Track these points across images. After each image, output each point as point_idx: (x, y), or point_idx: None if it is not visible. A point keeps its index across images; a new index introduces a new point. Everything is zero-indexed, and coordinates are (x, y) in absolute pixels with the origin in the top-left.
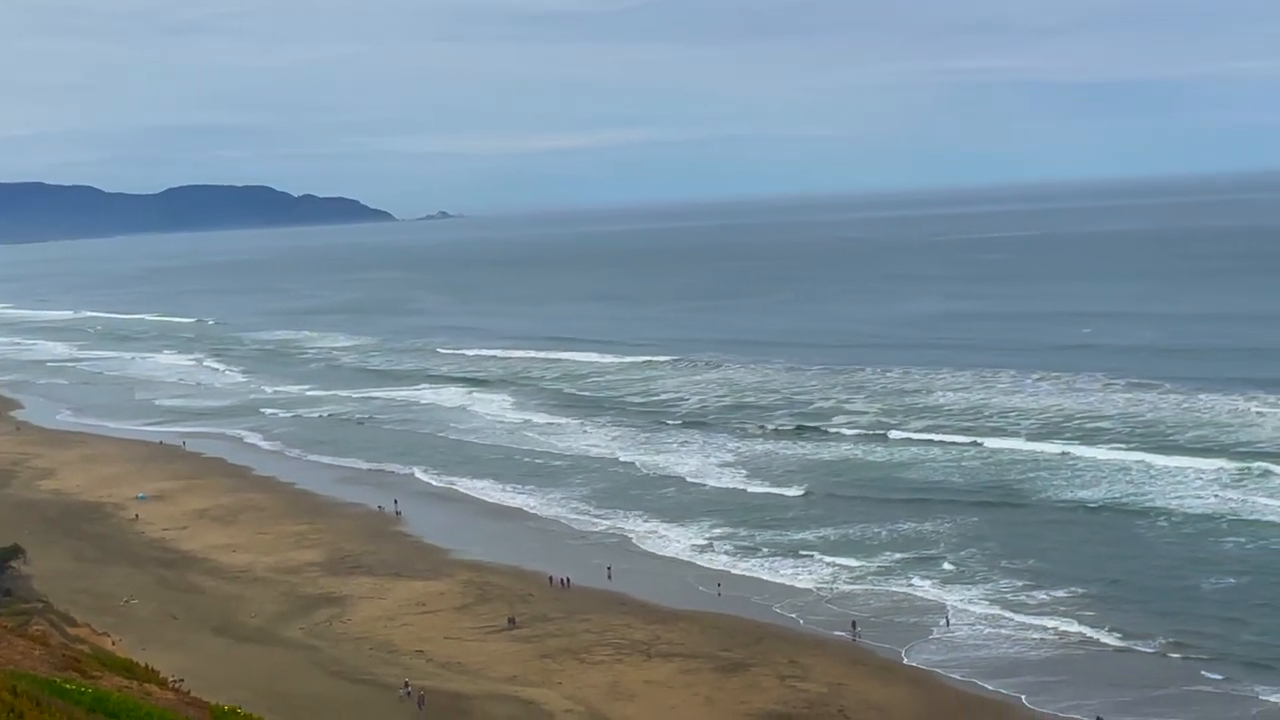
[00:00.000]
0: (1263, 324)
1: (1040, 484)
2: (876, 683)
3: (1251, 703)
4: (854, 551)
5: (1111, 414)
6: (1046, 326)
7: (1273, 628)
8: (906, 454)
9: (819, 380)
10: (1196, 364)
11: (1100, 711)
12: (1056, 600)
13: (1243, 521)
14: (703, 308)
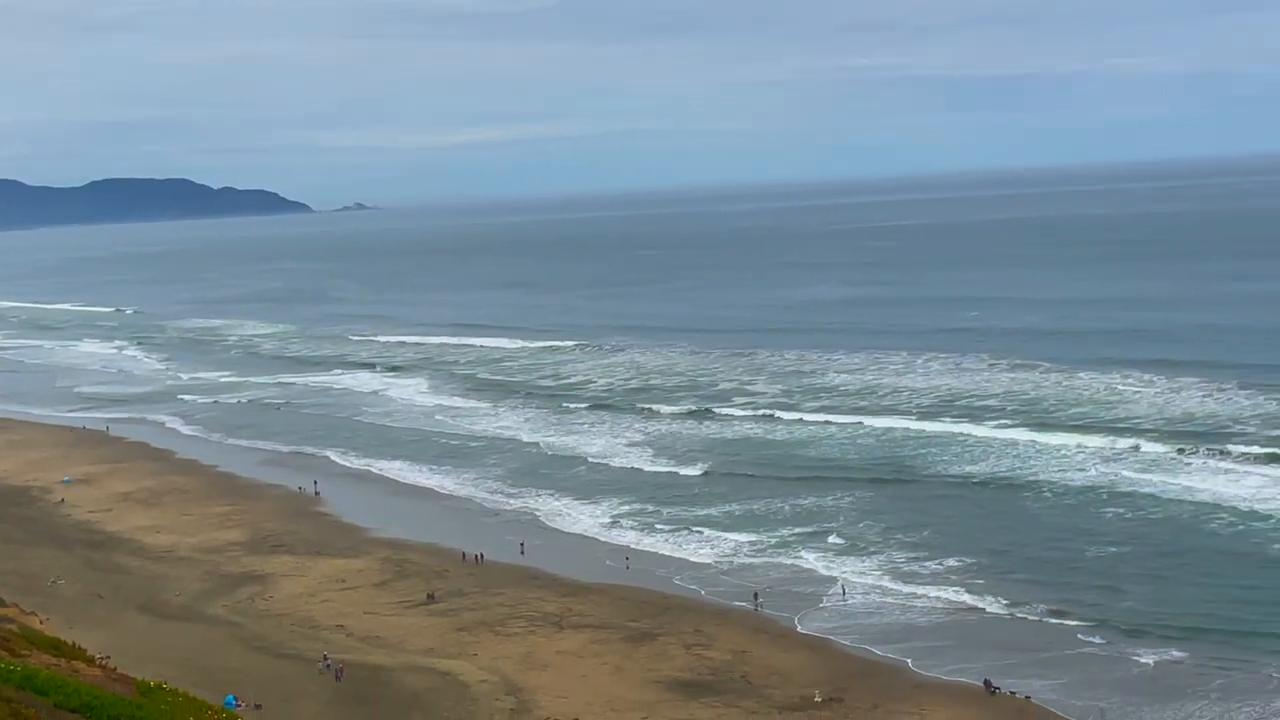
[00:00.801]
0: (1136, 307)
1: (931, 460)
2: (777, 649)
3: (1130, 664)
4: (755, 526)
5: (997, 393)
6: (935, 310)
7: (1149, 594)
8: (805, 432)
9: (721, 363)
10: (1075, 345)
11: (986, 674)
12: (946, 570)
13: (1120, 494)
14: (609, 295)
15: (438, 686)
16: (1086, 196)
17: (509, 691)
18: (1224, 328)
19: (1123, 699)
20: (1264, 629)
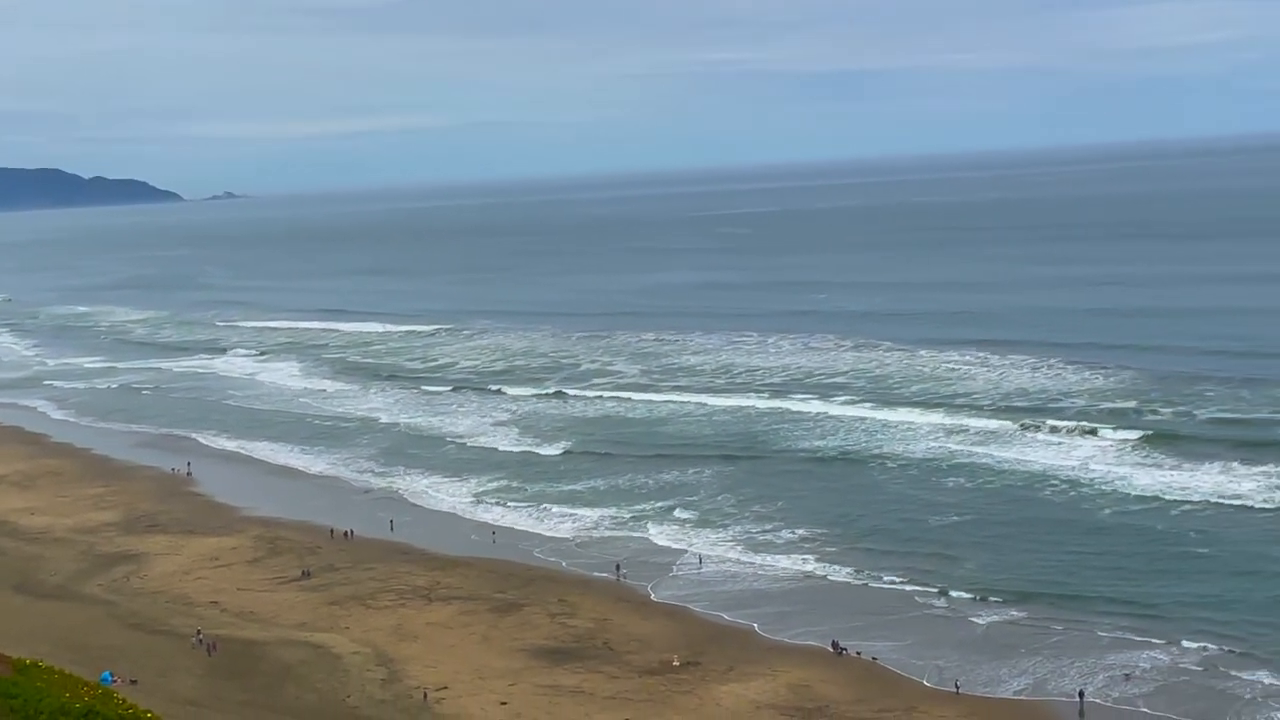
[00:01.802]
0: (970, 289)
1: (782, 435)
2: (637, 617)
3: (970, 625)
4: (616, 500)
5: (843, 371)
6: (785, 293)
7: (987, 559)
8: (663, 410)
9: (581, 345)
10: (915, 326)
11: (834, 636)
12: (796, 539)
13: (959, 465)
14: (474, 280)
15: (310, 659)
16: (924, 185)
17: (380, 662)
18: (1050, 309)
19: (962, 657)
20: (1092, 591)
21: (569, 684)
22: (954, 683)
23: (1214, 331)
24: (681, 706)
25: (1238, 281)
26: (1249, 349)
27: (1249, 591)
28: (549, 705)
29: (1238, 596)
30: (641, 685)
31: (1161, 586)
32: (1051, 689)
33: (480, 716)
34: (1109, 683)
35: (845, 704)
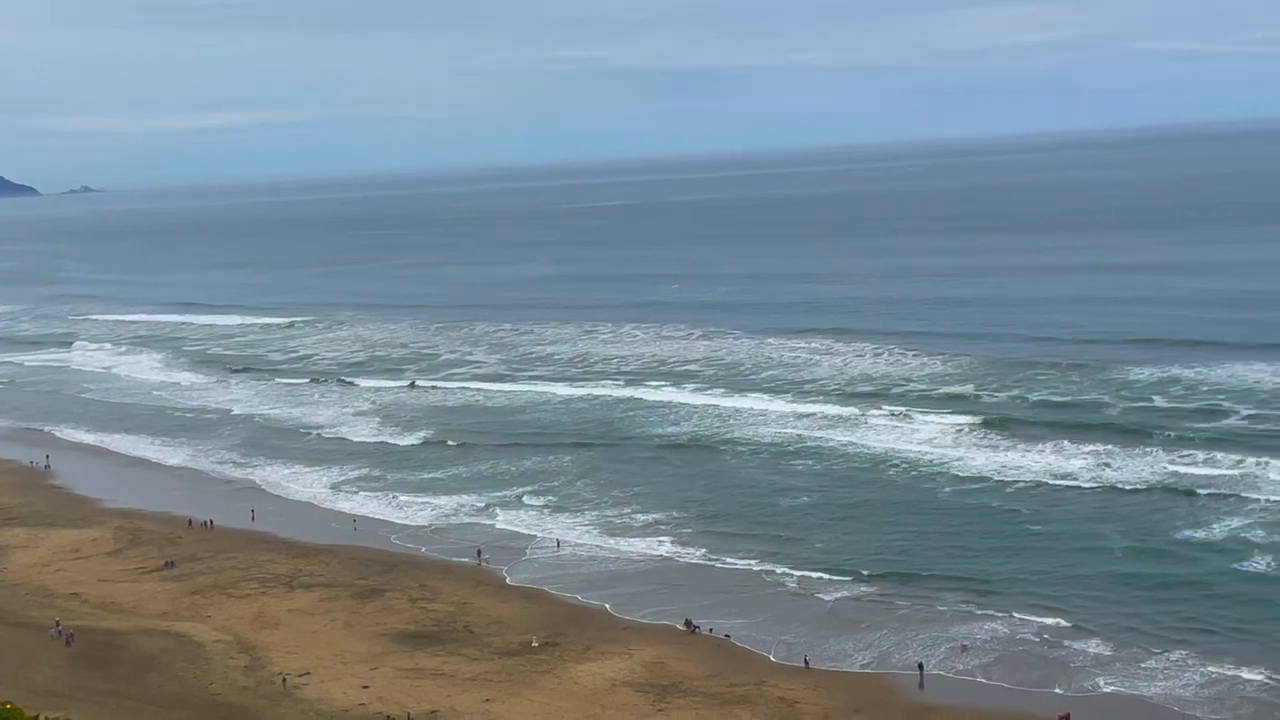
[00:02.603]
0: (815, 280)
1: (638, 422)
2: (496, 600)
3: (821, 603)
4: (477, 487)
5: (696, 359)
6: (639, 284)
7: (837, 539)
8: (522, 399)
9: (441, 336)
10: (763, 315)
11: (688, 615)
12: (652, 523)
13: (808, 449)
14: (334, 273)
15: (172, 648)
16: (769, 179)
17: (242, 650)
18: (889, 298)
19: (811, 633)
20: (933, 568)
21: (430, 667)
22: (803, 657)
23: (1044, 319)
24: (541, 686)
25: (1064, 272)
26: (1077, 336)
27: (1079, 566)
28: (410, 688)
29: (1069, 571)
30: (501, 666)
31: (998, 562)
32: (895, 662)
33: (343, 700)
34: (949, 654)
35: (698, 680)
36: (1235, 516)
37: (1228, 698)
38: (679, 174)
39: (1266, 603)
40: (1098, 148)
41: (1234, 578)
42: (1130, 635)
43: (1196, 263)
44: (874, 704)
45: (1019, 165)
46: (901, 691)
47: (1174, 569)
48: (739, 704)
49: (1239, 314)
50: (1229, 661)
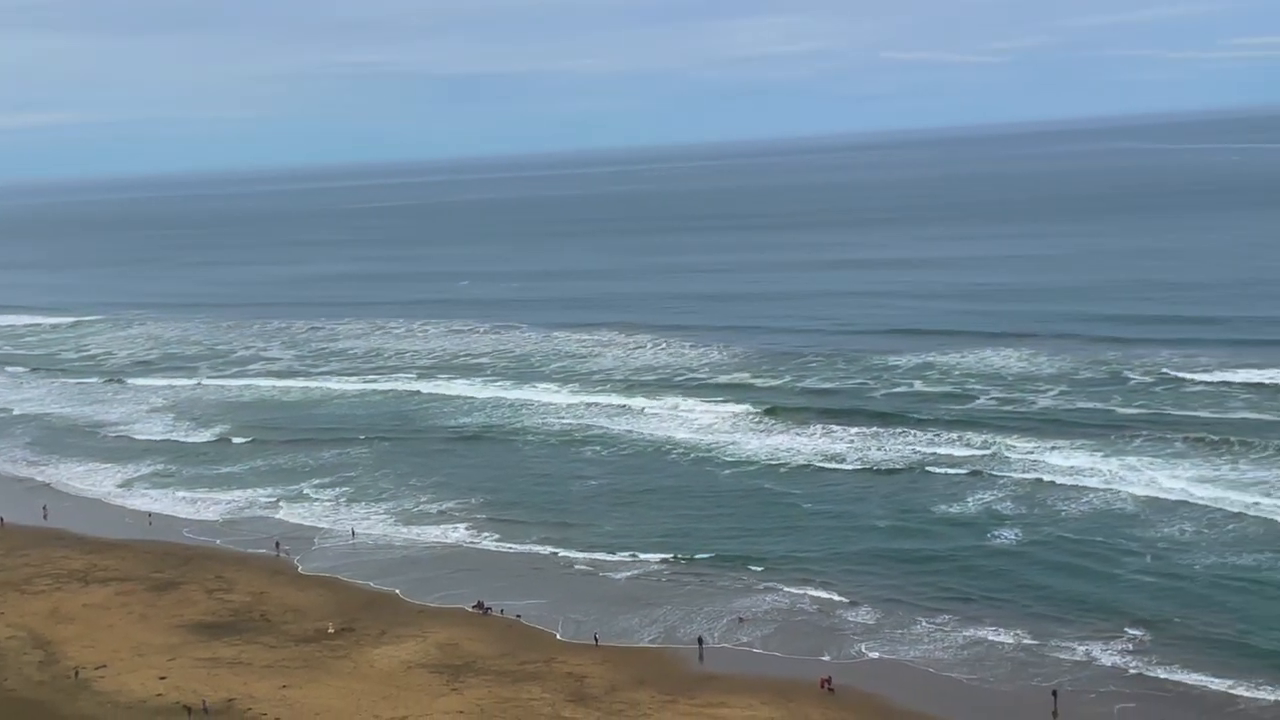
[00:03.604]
0: (599, 276)
1: (432, 414)
2: (293, 589)
3: (611, 583)
4: (274, 480)
5: (486, 352)
6: (429, 281)
7: (626, 521)
8: (318, 393)
9: (236, 333)
10: (548, 309)
11: (480, 597)
12: (447, 510)
13: (596, 436)
14: (127, 273)
15: None
16: (552, 180)
17: (37, 645)
18: (668, 293)
19: (602, 611)
20: (715, 548)
21: (227, 656)
22: (593, 635)
23: (810, 312)
24: (337, 671)
25: (826, 267)
26: (840, 327)
27: (847, 542)
28: (208, 677)
29: (838, 547)
30: (298, 653)
31: (774, 540)
32: (680, 636)
33: (140, 692)
34: (729, 627)
35: (491, 659)
36: (987, 491)
37: (985, 658)
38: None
39: (1016, 571)
40: (854, 150)
41: (987, 548)
42: (893, 605)
43: (944, 258)
44: (658, 676)
45: (783, 167)
46: (683, 663)
47: (933, 542)
48: (530, 680)
49: (984, 305)
50: (984, 626)
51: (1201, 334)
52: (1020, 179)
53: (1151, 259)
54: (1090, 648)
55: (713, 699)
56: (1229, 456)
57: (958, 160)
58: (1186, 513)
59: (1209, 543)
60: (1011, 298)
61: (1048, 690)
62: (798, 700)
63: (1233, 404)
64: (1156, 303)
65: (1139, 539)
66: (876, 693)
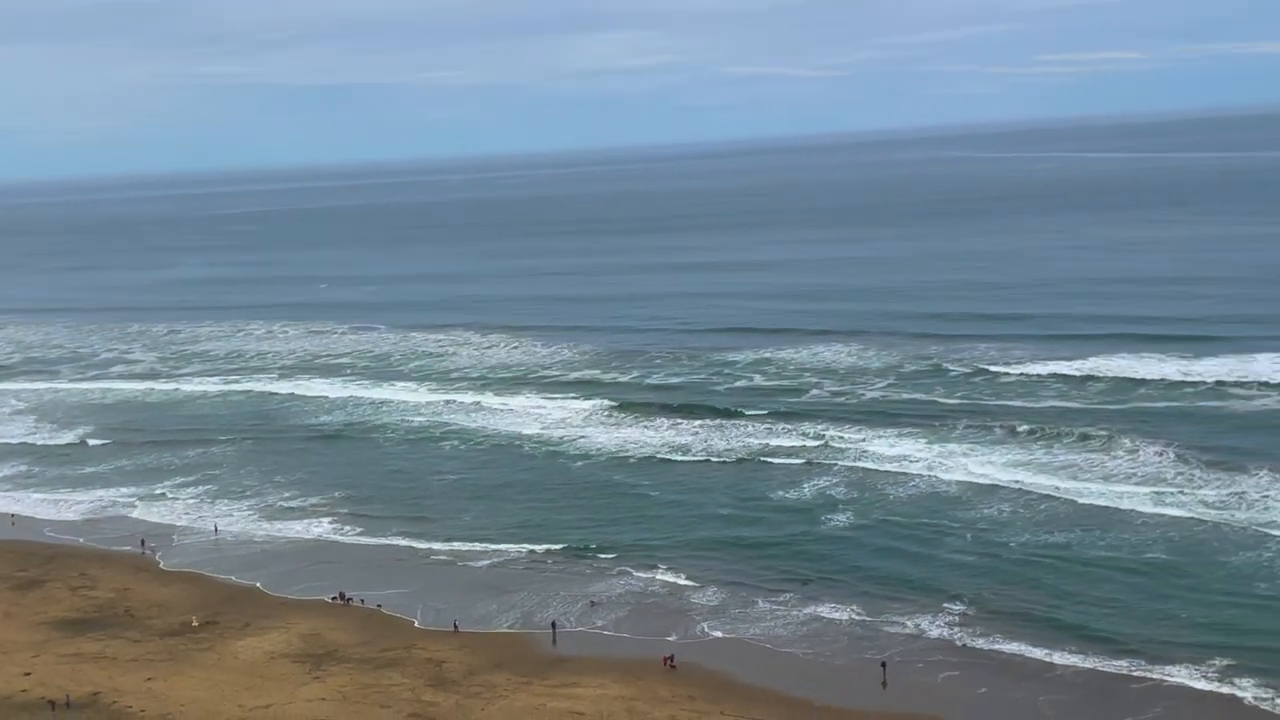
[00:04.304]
0: (454, 279)
1: (295, 412)
2: (157, 584)
3: (472, 571)
4: (138, 479)
5: (346, 353)
6: (289, 285)
7: (485, 512)
8: (181, 394)
9: (97, 336)
10: (406, 311)
11: (341, 588)
12: (310, 506)
13: (454, 431)
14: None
15: None
16: (409, 187)
17: None
18: (520, 295)
19: (463, 599)
20: (569, 536)
21: (92, 651)
22: (453, 622)
23: (655, 312)
24: (201, 663)
25: (671, 270)
26: (683, 326)
27: (694, 528)
28: (73, 672)
29: (685, 533)
30: (163, 646)
31: (625, 527)
32: (537, 621)
33: (4, 688)
34: (582, 611)
35: (352, 647)
36: (821, 478)
37: (821, 634)
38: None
39: (849, 552)
40: (698, 159)
41: (822, 532)
42: (736, 587)
43: (780, 260)
44: (514, 659)
45: (630, 174)
46: (539, 647)
47: (772, 528)
48: (390, 666)
49: (816, 305)
50: (820, 604)
51: (1016, 330)
52: (852, 185)
53: (970, 260)
54: (918, 621)
55: (566, 679)
56: (1041, 442)
57: (794, 168)
58: (1003, 495)
59: (1023, 522)
60: (841, 297)
61: (878, 662)
62: (646, 679)
63: (1044, 394)
64: (974, 301)
65: (960, 520)
66: (720, 669)
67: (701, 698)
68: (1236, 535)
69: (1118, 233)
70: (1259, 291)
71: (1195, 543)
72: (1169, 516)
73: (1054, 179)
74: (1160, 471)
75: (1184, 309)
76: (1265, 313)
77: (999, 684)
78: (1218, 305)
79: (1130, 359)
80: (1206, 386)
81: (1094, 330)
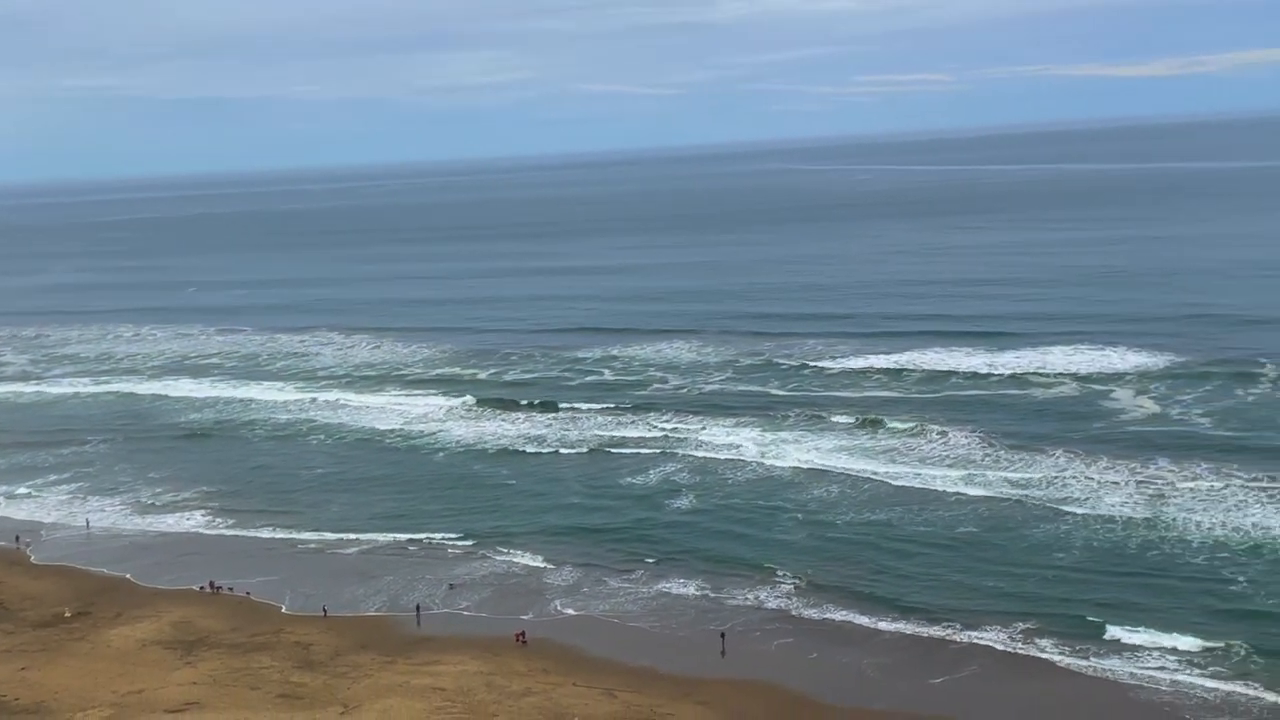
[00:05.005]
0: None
1: (165, 411)
2: (28, 578)
3: (338, 559)
4: (9, 478)
5: (215, 353)
6: (157, 290)
7: (352, 502)
8: (52, 395)
9: None
10: (273, 314)
11: (211, 578)
12: (182, 500)
13: (320, 427)
14: None
15: None
16: (278, 195)
17: None
18: (382, 298)
19: (332, 585)
20: (433, 524)
21: None
22: (321, 607)
23: (508, 314)
24: (75, 652)
25: (524, 274)
26: (537, 326)
27: (549, 514)
28: None
29: (541, 519)
30: (36, 637)
31: (485, 514)
32: (403, 604)
33: None
34: (446, 594)
35: (222, 633)
36: (667, 465)
37: (668, 609)
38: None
39: (693, 533)
40: (549, 170)
41: (668, 514)
42: (589, 568)
43: (624, 265)
44: (380, 640)
45: (487, 184)
46: (404, 628)
47: (622, 512)
48: (260, 650)
49: (659, 306)
50: (667, 581)
51: (839, 328)
52: (692, 195)
53: (798, 264)
54: (757, 594)
55: (429, 658)
56: (864, 429)
57: (636, 179)
58: (830, 478)
59: (849, 503)
60: (682, 298)
61: (717, 633)
62: (504, 655)
63: (866, 385)
64: (802, 301)
65: (793, 501)
66: (572, 643)
67: (555, 670)
68: (1037, 511)
69: (930, 238)
70: (1053, 292)
71: (1001, 519)
72: (978, 495)
73: (872, 189)
74: (969, 454)
75: (988, 308)
76: (1058, 310)
77: (828, 650)
78: (1017, 304)
79: (942, 353)
80: (1009, 377)
81: (909, 327)
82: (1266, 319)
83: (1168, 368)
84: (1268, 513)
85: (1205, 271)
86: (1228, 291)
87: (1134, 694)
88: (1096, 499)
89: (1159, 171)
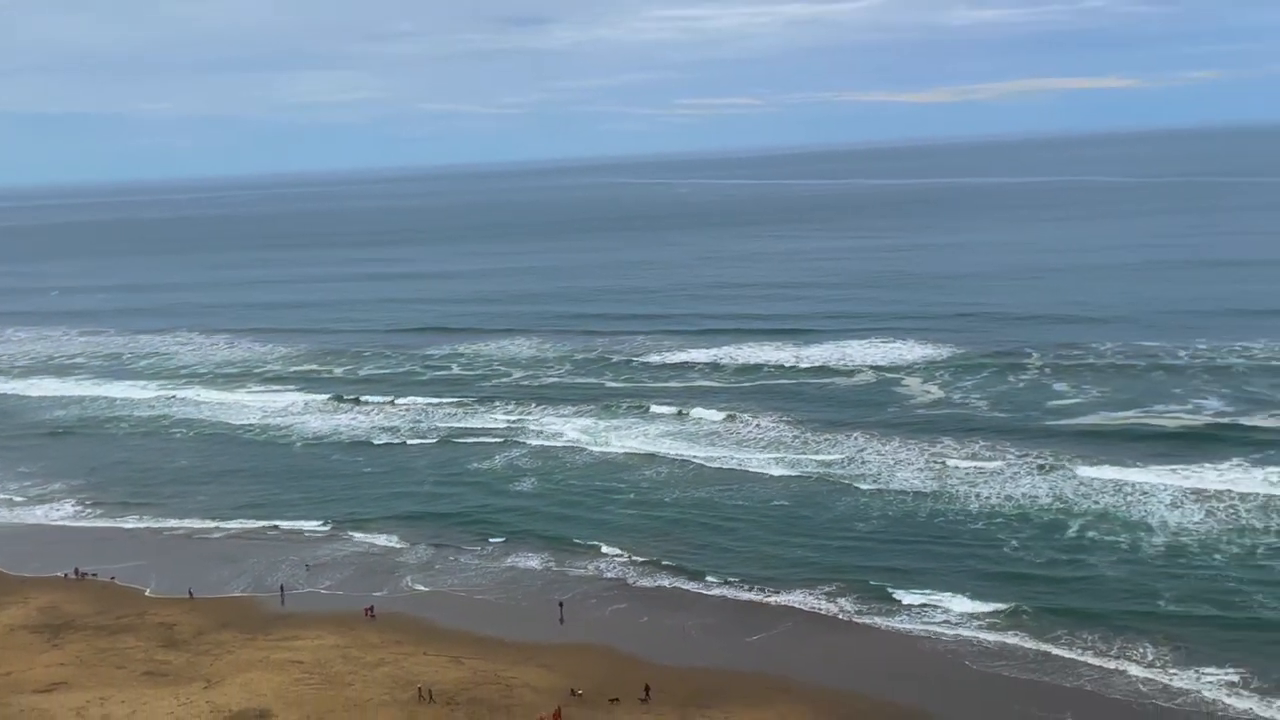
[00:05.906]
0: (176, 288)
1: (30, 409)
2: None
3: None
4: None
5: (78, 354)
6: (19, 294)
7: (219, 490)
8: None
9: None
10: (133, 317)
11: (78, 565)
12: (51, 493)
13: (183, 421)
14: None
15: None
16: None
17: None
18: (238, 301)
19: (198, 568)
20: (294, 510)
21: None
22: (188, 590)
23: (360, 315)
24: None
25: (374, 278)
26: (388, 326)
27: (403, 498)
28: None
29: (396, 502)
30: None
31: (340, 499)
32: (267, 585)
33: None
34: (306, 574)
35: (88, 616)
36: (511, 451)
37: (514, 582)
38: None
39: (537, 512)
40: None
41: (513, 496)
42: (441, 547)
43: (466, 270)
44: (242, 619)
45: (344, 194)
46: (266, 607)
47: (471, 495)
48: (125, 632)
49: (500, 307)
50: (513, 556)
51: (664, 326)
52: (528, 206)
53: (625, 268)
54: (597, 565)
55: (288, 634)
56: (691, 417)
57: (477, 191)
58: (659, 461)
59: (675, 482)
60: (521, 300)
61: (555, 601)
62: (358, 629)
63: (689, 376)
64: (631, 302)
65: (626, 482)
66: (424, 616)
67: (407, 642)
68: (839, 487)
69: (742, 245)
70: (851, 293)
71: (808, 494)
72: (787, 474)
73: (691, 201)
74: (780, 437)
75: (794, 307)
76: (855, 310)
77: (658, 614)
78: (820, 304)
79: (754, 347)
80: (813, 368)
81: (725, 325)
82: (1031, 315)
83: (949, 358)
84: (1035, 483)
85: (978, 274)
86: (998, 292)
87: (922, 645)
88: (890, 475)
89: (936, 186)
